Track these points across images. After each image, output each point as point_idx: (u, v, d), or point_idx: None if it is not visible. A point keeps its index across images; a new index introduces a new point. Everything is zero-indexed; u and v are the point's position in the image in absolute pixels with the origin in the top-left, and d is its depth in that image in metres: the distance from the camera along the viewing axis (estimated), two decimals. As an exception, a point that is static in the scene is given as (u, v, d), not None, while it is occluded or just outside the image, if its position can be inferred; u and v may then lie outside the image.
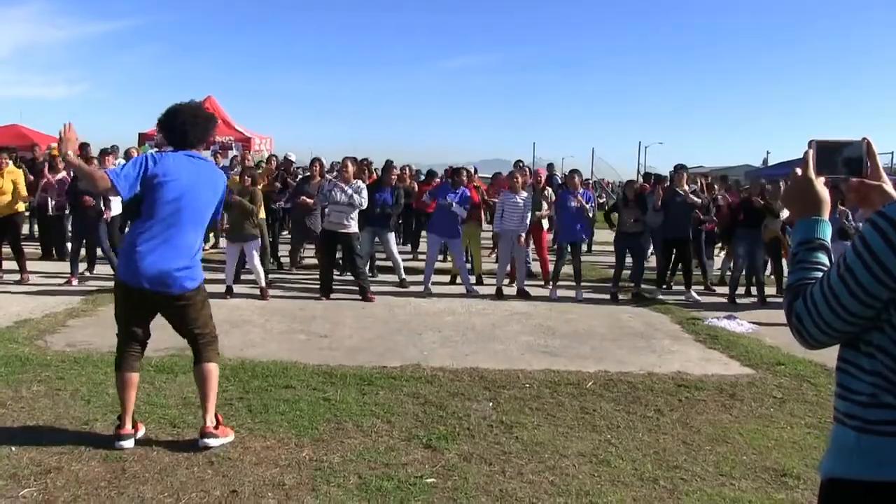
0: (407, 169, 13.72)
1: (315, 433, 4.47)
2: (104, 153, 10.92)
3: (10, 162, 10.06)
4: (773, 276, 10.65)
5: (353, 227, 9.33)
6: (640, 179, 17.40)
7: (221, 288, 9.11)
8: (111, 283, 9.26)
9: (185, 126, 4.20)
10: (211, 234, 14.87)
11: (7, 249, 9.91)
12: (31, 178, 12.35)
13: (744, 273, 10.56)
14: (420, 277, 10.23)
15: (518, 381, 5.79)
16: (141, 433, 4.31)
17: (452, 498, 3.69)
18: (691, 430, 4.85)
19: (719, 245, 12.88)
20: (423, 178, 15.47)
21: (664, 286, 10.60)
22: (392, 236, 10.72)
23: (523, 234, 9.87)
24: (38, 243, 12.74)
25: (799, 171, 1.75)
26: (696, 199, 10.20)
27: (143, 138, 17.99)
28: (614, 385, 5.78)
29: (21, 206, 10.00)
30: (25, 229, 14.37)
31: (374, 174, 12.40)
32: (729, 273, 11.27)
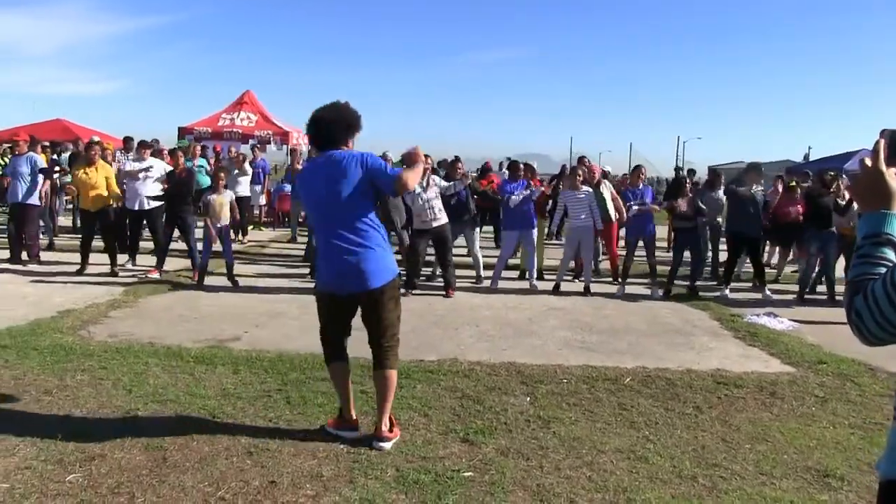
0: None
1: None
2: (143, 146, 11.08)
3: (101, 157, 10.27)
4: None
5: (444, 218, 9.30)
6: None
7: (265, 282, 9.25)
8: (149, 276, 9.46)
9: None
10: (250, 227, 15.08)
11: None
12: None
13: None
14: (466, 273, 10.29)
15: (555, 376, 5.78)
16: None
17: (489, 492, 3.70)
18: (731, 427, 4.80)
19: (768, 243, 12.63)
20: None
21: (728, 283, 10.26)
22: (476, 232, 10.76)
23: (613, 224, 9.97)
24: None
25: (869, 161, 1.68)
26: (763, 197, 10.04)
27: (182, 132, 18.24)
28: (652, 381, 5.75)
29: (111, 201, 10.15)
30: (68, 221, 14.75)
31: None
32: (794, 272, 11.05)
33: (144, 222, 10.70)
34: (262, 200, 16.49)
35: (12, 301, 7.97)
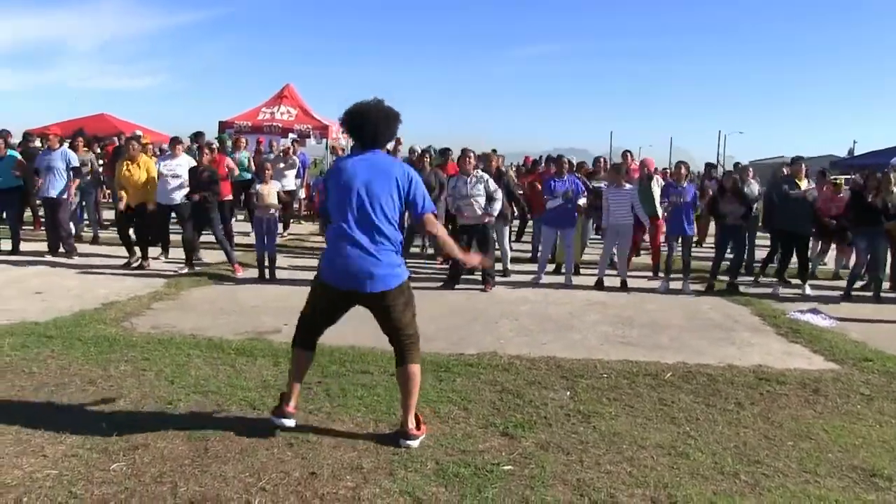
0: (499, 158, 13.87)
1: (392, 418, 4.52)
2: (175, 142, 11.14)
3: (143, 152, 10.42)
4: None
5: (489, 215, 9.32)
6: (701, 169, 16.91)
7: (305, 275, 9.32)
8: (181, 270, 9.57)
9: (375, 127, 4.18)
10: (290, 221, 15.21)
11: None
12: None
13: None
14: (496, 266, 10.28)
15: (595, 370, 5.75)
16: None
17: (529, 486, 3.69)
18: (773, 424, 4.73)
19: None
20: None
21: (781, 279, 10.09)
22: (507, 228, 10.76)
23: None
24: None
25: None
26: (813, 193, 9.87)
27: (223, 126, 18.41)
28: (693, 377, 5.69)
29: (151, 195, 10.20)
30: (111, 214, 14.98)
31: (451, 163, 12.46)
32: (844, 269, 10.88)
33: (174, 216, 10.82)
34: (302, 194, 16.62)
35: (57, 293, 8.13)
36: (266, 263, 9.61)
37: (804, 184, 9.84)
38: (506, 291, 9.26)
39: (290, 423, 4.27)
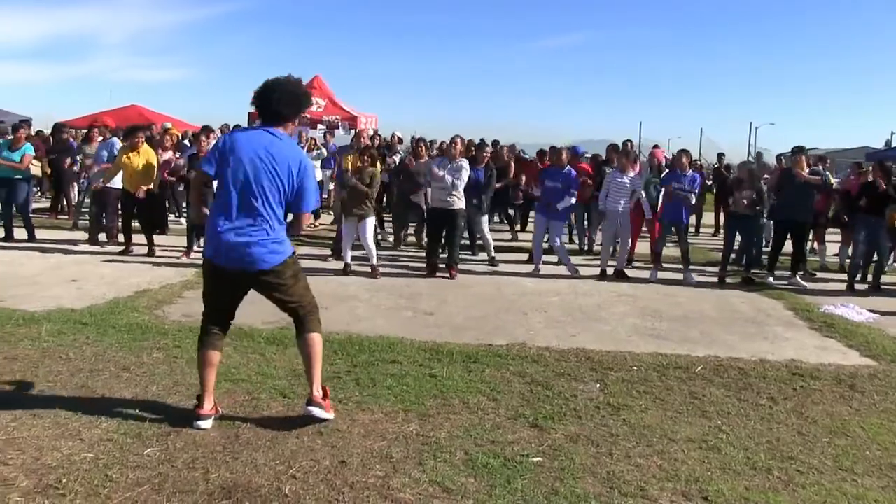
0: (506, 148, 13.83)
1: (422, 408, 4.54)
2: (206, 130, 11.25)
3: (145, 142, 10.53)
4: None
5: (458, 203, 9.38)
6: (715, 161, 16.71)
7: (328, 264, 9.36)
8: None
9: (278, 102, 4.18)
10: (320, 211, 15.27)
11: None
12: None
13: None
14: (520, 256, 10.25)
15: (625, 363, 5.72)
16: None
17: (559, 478, 3.68)
18: (807, 420, 4.68)
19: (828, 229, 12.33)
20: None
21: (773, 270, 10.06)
22: (485, 217, 10.77)
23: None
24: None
25: None
26: (814, 179, 9.76)
27: (252, 117, 18.52)
28: (724, 371, 5.64)
29: (152, 185, 10.34)
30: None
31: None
32: (848, 260, 10.79)
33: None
34: (331, 185, 16.69)
35: (92, 281, 8.23)
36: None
37: (805, 172, 9.80)
38: (535, 283, 9.23)
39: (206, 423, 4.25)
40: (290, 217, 4.25)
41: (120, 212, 10.72)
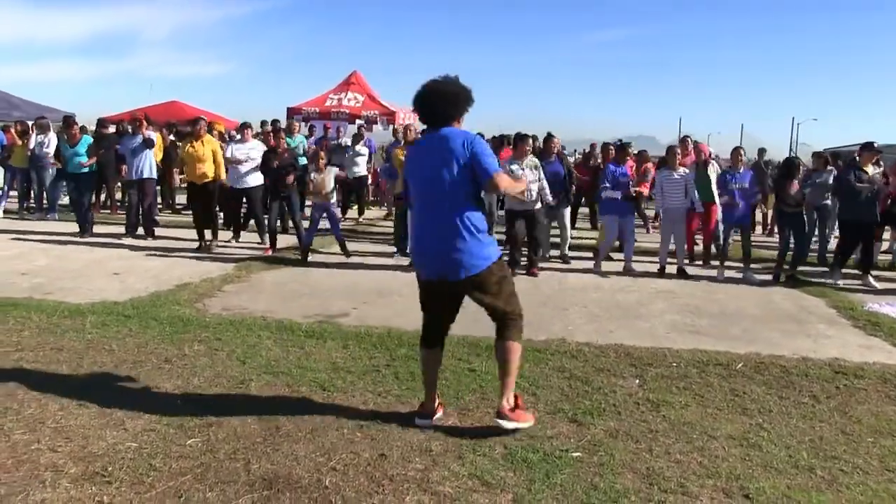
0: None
1: (461, 402, 4.55)
2: (244, 127, 11.36)
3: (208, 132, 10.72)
4: None
5: (537, 203, 9.33)
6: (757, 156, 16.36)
7: (373, 260, 9.42)
8: (256, 252, 9.75)
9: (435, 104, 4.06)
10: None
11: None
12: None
13: None
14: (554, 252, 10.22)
15: (665, 359, 5.67)
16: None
17: (598, 473, 3.67)
18: (851, 419, 4.59)
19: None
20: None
21: (839, 269, 9.71)
22: (567, 210, 10.73)
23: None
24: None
25: None
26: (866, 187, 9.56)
27: (290, 112, 18.67)
28: (765, 368, 5.56)
29: (213, 175, 10.41)
30: (182, 199, 15.39)
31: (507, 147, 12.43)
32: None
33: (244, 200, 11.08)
34: (369, 180, 16.77)
35: (134, 274, 8.38)
36: (334, 249, 9.74)
37: (870, 170, 9.57)
38: (574, 278, 9.20)
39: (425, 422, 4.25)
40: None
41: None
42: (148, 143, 11.17)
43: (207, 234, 10.41)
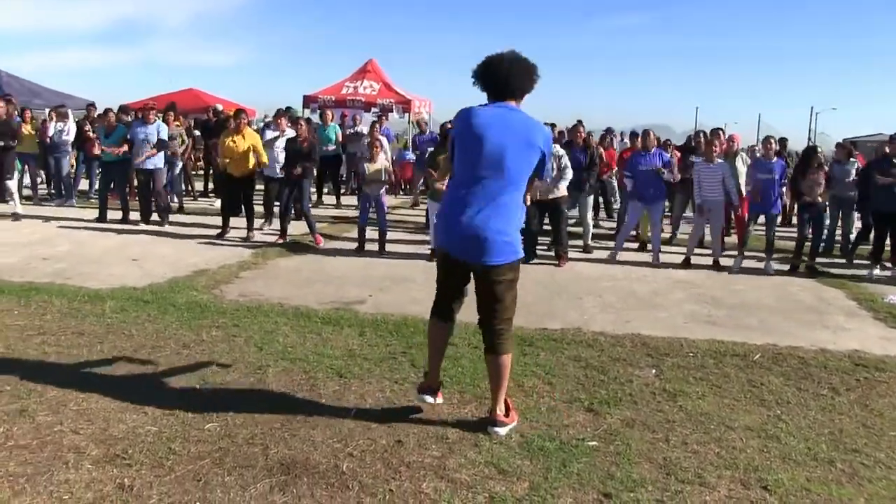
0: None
1: (477, 390, 4.54)
2: (279, 115, 11.41)
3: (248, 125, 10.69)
4: None
5: (560, 191, 9.24)
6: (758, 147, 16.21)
7: (389, 247, 9.45)
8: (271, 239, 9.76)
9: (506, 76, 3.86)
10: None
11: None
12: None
13: None
14: (575, 242, 10.18)
15: (681, 349, 5.65)
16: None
17: (615, 462, 3.67)
18: (872, 412, 4.55)
19: None
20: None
21: (876, 261, 9.69)
22: (590, 199, 10.69)
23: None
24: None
25: None
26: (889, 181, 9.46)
27: (307, 100, 18.67)
28: (783, 359, 5.53)
29: (252, 168, 10.39)
30: (199, 186, 15.46)
31: None
32: None
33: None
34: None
35: (152, 260, 8.43)
36: (367, 237, 9.72)
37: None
38: (589, 267, 9.17)
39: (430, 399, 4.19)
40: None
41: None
42: (162, 146, 11.23)
43: (241, 222, 10.36)
